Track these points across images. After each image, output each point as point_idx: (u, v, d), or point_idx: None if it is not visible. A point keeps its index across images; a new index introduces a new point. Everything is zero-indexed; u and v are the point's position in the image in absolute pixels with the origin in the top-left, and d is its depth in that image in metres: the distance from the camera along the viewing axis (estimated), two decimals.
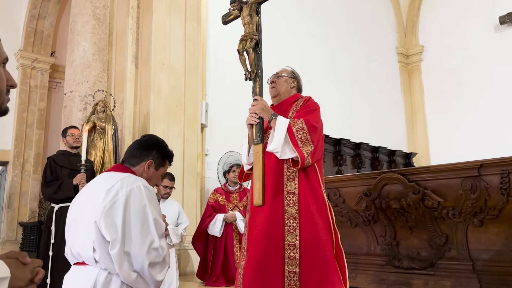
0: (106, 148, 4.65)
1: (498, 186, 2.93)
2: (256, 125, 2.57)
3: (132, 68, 5.61)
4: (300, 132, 2.43)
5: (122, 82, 5.61)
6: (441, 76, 10.19)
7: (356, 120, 9.02)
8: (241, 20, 2.68)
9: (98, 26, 5.72)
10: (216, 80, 6.51)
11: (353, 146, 8.59)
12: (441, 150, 9.97)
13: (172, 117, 5.48)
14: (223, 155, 6.06)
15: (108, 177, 1.80)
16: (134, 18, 5.72)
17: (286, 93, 2.74)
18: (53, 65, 9.72)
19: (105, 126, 4.72)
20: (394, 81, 10.47)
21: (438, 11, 10.37)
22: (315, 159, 2.47)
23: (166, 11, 5.68)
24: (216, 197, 4.57)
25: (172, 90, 5.56)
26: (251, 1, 2.66)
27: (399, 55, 10.65)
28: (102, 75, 5.69)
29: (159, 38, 5.55)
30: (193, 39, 5.92)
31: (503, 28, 9.13)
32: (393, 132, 10.01)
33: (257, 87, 2.64)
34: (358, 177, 3.81)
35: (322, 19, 8.64)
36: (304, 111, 2.57)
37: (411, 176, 3.36)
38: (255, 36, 2.62)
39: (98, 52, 5.68)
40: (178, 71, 5.67)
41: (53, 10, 9.60)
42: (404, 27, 10.88)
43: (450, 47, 10.06)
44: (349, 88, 9.02)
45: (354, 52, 9.32)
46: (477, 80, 9.49)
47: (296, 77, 2.81)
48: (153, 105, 5.35)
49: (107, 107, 4.85)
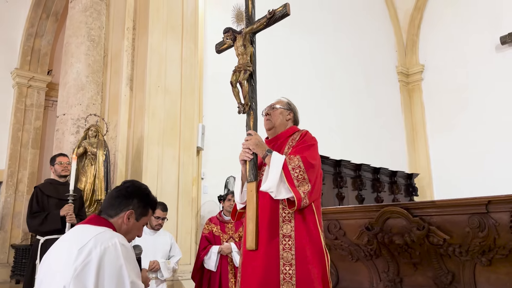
0: (97, 175, 4.49)
1: (507, 224, 2.75)
2: (250, 161, 2.41)
3: (126, 91, 5.47)
4: (296, 170, 2.27)
5: (116, 105, 5.47)
6: (442, 95, 10.08)
7: (357, 140, 8.87)
8: (234, 50, 2.54)
9: (92, 48, 5.61)
10: (213, 101, 6.37)
11: (353, 167, 8.42)
12: (443, 170, 9.81)
13: (167, 140, 5.32)
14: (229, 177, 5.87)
15: (82, 233, 1.62)
16: (130, 40, 5.61)
17: (282, 126, 2.59)
18: (50, 83, 9.62)
19: (96, 152, 4.56)
20: (394, 100, 10.35)
21: (438, 30, 10.30)
22: (312, 199, 2.31)
23: (162, 33, 5.56)
24: (210, 227, 4.38)
25: (167, 112, 5.41)
26: (245, 31, 2.52)
27: (399, 74, 10.55)
28: (96, 98, 5.56)
29: (155, 60, 5.42)
30: (190, 60, 5.80)
31: (504, 48, 9.05)
32: (394, 153, 9.85)
33: (251, 121, 2.49)
34: (359, 209, 3.64)
35: (322, 39, 8.55)
36: (300, 146, 2.41)
37: (415, 211, 3.18)
38: (249, 67, 2.47)
39: (92, 74, 5.55)
40: (174, 93, 5.53)
41: (50, 29, 9.54)
42: (404, 46, 10.81)
43: (451, 66, 9.96)
44: (349, 108, 8.89)
45: (354, 72, 9.22)
46: (478, 99, 9.37)
47: (292, 108, 2.66)
48: (148, 128, 5.20)
49: (99, 131, 4.70)
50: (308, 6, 8.44)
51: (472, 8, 9.61)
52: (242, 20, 2.56)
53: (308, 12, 8.41)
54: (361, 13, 9.81)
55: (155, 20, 5.51)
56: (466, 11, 9.72)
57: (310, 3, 8.51)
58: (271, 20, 2.47)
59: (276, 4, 2.52)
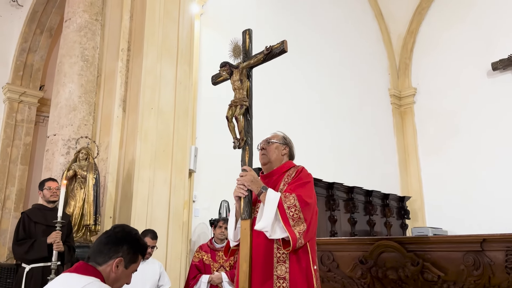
0: (86, 199, 4.40)
1: (502, 263, 2.72)
2: (244, 198, 2.36)
3: (119, 112, 5.42)
4: (292, 209, 2.23)
5: (108, 126, 5.41)
6: (434, 119, 10.15)
7: (350, 162, 8.87)
8: (230, 84, 2.52)
9: (86, 68, 5.57)
10: (207, 123, 6.34)
11: (346, 190, 8.40)
12: (435, 194, 9.83)
13: (158, 163, 5.25)
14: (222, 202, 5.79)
15: (68, 284, 1.55)
16: (124, 61, 5.58)
17: (277, 161, 2.56)
18: (41, 99, 9.52)
19: (86, 175, 4.48)
20: (387, 123, 10.40)
21: (431, 54, 10.43)
22: (307, 239, 2.26)
23: (157, 54, 5.54)
24: (200, 255, 4.30)
25: (160, 134, 5.36)
26: (242, 66, 2.50)
27: (392, 97, 10.62)
28: (87, 118, 5.50)
29: (149, 81, 5.39)
30: (185, 82, 5.77)
31: (495, 74, 9.17)
32: (387, 175, 9.86)
33: (246, 156, 2.45)
34: (353, 242, 3.60)
35: (316, 62, 8.61)
36: (296, 184, 2.38)
37: (410, 246, 3.14)
38: (245, 102, 2.45)
39: (85, 94, 5.51)
40: (168, 115, 5.49)
41: (44, 44, 9.49)
42: (397, 69, 10.92)
43: (443, 90, 10.06)
44: (342, 130, 8.91)
45: (347, 94, 9.27)
46: (469, 123, 9.46)
47: (288, 143, 2.63)
48: (139, 150, 5.13)
49: (90, 154, 4.63)
50: (303, 29, 8.51)
51: (464, 33, 9.75)
52: (239, 54, 2.54)
53: (302, 35, 8.48)
54: (355, 36, 9.91)
55: (150, 42, 5.49)
56: (458, 37, 9.86)
57: (304, 26, 8.59)
58: (268, 56, 2.46)
59: (274, 39, 2.51)
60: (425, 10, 10.62)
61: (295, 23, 8.41)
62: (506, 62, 8.85)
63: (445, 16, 10.22)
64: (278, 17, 8.11)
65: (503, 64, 8.92)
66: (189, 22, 6.07)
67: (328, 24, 9.19)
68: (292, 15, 8.41)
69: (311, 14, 8.84)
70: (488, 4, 9.43)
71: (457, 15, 9.95)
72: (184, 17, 5.98)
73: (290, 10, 8.40)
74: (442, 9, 10.33)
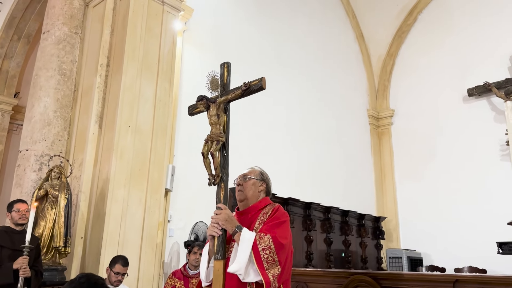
0: (57, 220, 4.26)
1: None
2: (218, 237, 2.32)
3: (95, 128, 5.30)
4: (266, 251, 2.19)
5: (83, 143, 5.28)
6: (410, 141, 10.32)
7: (327, 183, 8.91)
8: (207, 118, 2.48)
9: (63, 82, 5.45)
10: (185, 141, 6.27)
11: (323, 210, 8.42)
12: (409, 215, 9.95)
13: (134, 182, 5.15)
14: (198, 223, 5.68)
15: None
16: (103, 76, 5.48)
17: (254, 198, 2.52)
18: (16, 107, 9.28)
19: (58, 195, 4.35)
20: (365, 143, 10.51)
21: (409, 78, 10.63)
22: (281, 281, 2.23)
23: (137, 71, 5.46)
24: (173, 282, 4.21)
25: (137, 153, 5.26)
26: (220, 101, 2.47)
27: (370, 117, 10.76)
28: (62, 134, 5.36)
29: (128, 98, 5.29)
30: (164, 100, 5.70)
31: (470, 100, 9.40)
32: (363, 195, 9.94)
33: (221, 193, 2.41)
34: (328, 274, 3.58)
35: (296, 81, 8.65)
36: (272, 223, 2.34)
37: (384, 281, 3.15)
38: (221, 138, 2.41)
39: (60, 109, 5.38)
40: (145, 133, 5.40)
41: (21, 51, 9.26)
42: (376, 91, 11.08)
43: (420, 113, 10.25)
44: (321, 150, 8.96)
45: (327, 114, 9.34)
46: (444, 149, 9.65)
47: (265, 179, 2.60)
48: (114, 169, 5.01)
49: (62, 173, 4.49)
50: (283, 49, 8.56)
51: (442, 59, 9.99)
52: (217, 87, 2.51)
53: (285, 55, 8.53)
54: (336, 56, 10.03)
55: (130, 58, 5.41)
56: (436, 61, 10.09)
57: (287, 46, 8.64)
58: (246, 92, 2.43)
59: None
60: (405, 34, 10.85)
61: (277, 43, 8.46)
62: (482, 88, 9.08)
63: (424, 41, 10.45)
64: (261, 36, 8.14)
65: (478, 90, 9.15)
66: (171, 38, 6.02)
67: (309, 44, 9.27)
68: (274, 34, 8.45)
69: (293, 35, 8.91)
70: (466, 32, 9.69)
71: (436, 41, 10.19)
72: (166, 34, 5.93)
73: (272, 28, 8.45)
74: (421, 33, 10.57)
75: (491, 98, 9.08)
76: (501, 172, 8.62)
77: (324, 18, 9.95)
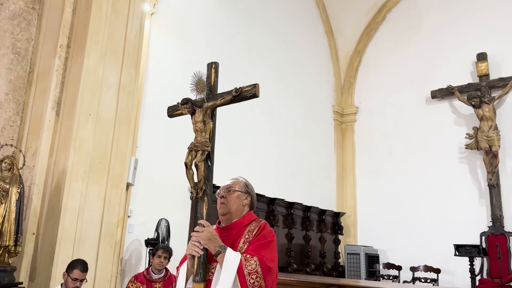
0: (7, 217, 3.86)
1: None
2: (199, 257, 2.10)
3: (52, 115, 4.86)
4: (253, 275, 2.00)
5: (38, 130, 4.83)
6: (372, 139, 10.44)
7: (292, 178, 8.86)
8: (192, 124, 2.24)
9: (17, 62, 4.95)
10: (149, 132, 5.94)
11: (286, 205, 8.37)
12: (368, 211, 10.11)
13: (93, 175, 4.78)
14: (161, 220, 5.37)
15: None
16: (62, 59, 5.02)
17: (237, 212, 2.32)
18: None
19: (8, 189, 3.94)
20: (328, 139, 10.53)
21: (374, 76, 10.70)
22: None
23: (100, 54, 5.03)
24: (135, 286, 3.95)
25: (97, 144, 4.87)
26: (207, 106, 2.23)
27: (335, 113, 10.78)
28: (14, 119, 4.88)
29: (89, 84, 4.88)
30: (129, 87, 5.32)
31: (433, 102, 9.59)
32: (325, 191, 9.98)
33: (204, 207, 2.19)
34: (302, 284, 3.44)
35: (264, 71, 8.44)
36: (258, 243, 2.15)
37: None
38: (207, 147, 2.18)
39: (13, 91, 4.88)
40: (107, 123, 5.01)
41: None
42: (342, 87, 11.09)
43: (383, 112, 10.37)
44: (287, 145, 8.86)
45: (293, 108, 9.23)
46: (405, 146, 9.82)
47: (249, 191, 2.39)
48: (72, 160, 4.62)
49: (14, 165, 4.07)
50: (253, 38, 8.32)
51: (408, 59, 10.11)
52: (203, 90, 2.26)
53: (252, 43, 8.29)
54: (304, 50, 9.91)
55: (94, 40, 4.98)
56: (402, 62, 10.21)
57: (255, 34, 8.40)
58: (237, 98, 2.21)
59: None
60: (373, 32, 10.89)
61: (247, 31, 8.20)
62: (445, 91, 9.27)
63: (391, 40, 10.53)
64: (230, 23, 7.84)
65: (441, 93, 9.34)
66: (139, 21, 5.61)
67: (279, 36, 9.09)
68: (244, 22, 8.19)
69: (263, 24, 8.68)
70: (432, 35, 9.84)
71: (403, 41, 10.29)
72: (134, 16, 5.52)
73: (242, 16, 8.17)
74: (389, 33, 10.64)
75: (453, 102, 9.30)
76: (459, 174, 8.88)
77: (295, 10, 9.78)
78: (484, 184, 8.56)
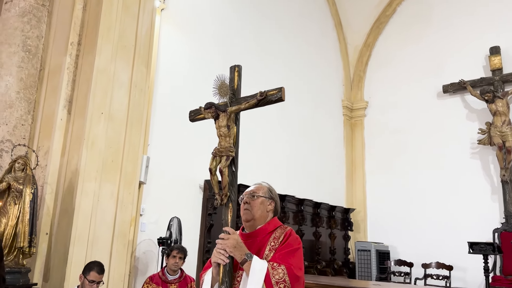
0: (21, 218, 3.83)
1: None
2: (224, 265, 2.05)
3: (63, 114, 4.82)
4: (280, 284, 1.95)
5: (50, 129, 4.79)
6: (382, 134, 10.32)
7: (301, 174, 8.79)
8: (215, 129, 2.17)
9: (27, 60, 4.90)
10: (161, 130, 5.88)
11: (296, 202, 8.31)
12: (377, 207, 10.03)
13: (106, 174, 4.74)
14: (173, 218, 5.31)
15: None
16: (73, 56, 4.96)
17: (262, 219, 2.26)
18: None
19: (22, 189, 3.91)
20: (337, 134, 10.43)
21: (384, 70, 10.56)
22: None
23: (112, 52, 4.98)
24: (151, 287, 3.92)
25: (109, 142, 4.83)
26: (231, 110, 2.16)
27: (344, 108, 10.67)
28: (26, 117, 4.84)
29: (101, 82, 4.82)
30: (140, 85, 5.26)
31: (445, 96, 9.45)
32: (335, 187, 9.91)
33: (229, 214, 2.13)
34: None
35: (274, 67, 8.34)
36: (285, 251, 2.09)
37: None
38: (231, 152, 2.12)
39: (24, 89, 4.84)
40: (119, 121, 4.96)
41: None
42: (351, 81, 10.97)
43: (393, 107, 10.24)
44: (297, 141, 8.78)
45: (302, 103, 9.13)
46: (416, 142, 9.70)
47: (273, 197, 2.34)
48: (85, 160, 4.58)
49: (27, 165, 4.04)
50: (263, 34, 8.23)
51: (418, 53, 9.96)
52: (226, 94, 2.19)
53: (262, 39, 8.19)
54: (313, 44, 9.79)
55: (105, 38, 4.92)
56: (413, 56, 10.06)
57: (265, 30, 8.31)
58: (261, 102, 2.14)
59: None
60: (383, 25, 10.74)
61: (257, 27, 8.11)
62: (457, 86, 9.14)
63: (401, 34, 10.38)
64: (239, 19, 7.75)
65: (453, 87, 9.20)
66: (150, 18, 5.54)
67: (289, 31, 8.99)
68: (254, 18, 8.09)
69: (273, 19, 8.58)
70: (444, 28, 9.68)
71: (413, 34, 10.14)
72: (144, 12, 5.45)
73: (252, 12, 8.07)
74: (399, 26, 10.49)
75: (465, 96, 9.17)
76: (471, 170, 8.77)
77: (304, 3, 9.65)
78: (497, 180, 8.45)
